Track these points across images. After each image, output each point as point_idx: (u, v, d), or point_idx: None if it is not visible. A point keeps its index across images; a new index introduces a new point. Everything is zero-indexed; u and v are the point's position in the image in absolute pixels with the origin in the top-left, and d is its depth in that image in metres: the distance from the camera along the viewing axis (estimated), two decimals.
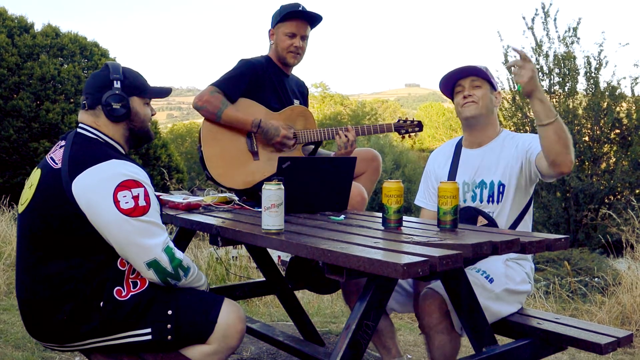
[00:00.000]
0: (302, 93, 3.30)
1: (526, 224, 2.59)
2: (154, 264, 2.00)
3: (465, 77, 2.59)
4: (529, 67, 2.18)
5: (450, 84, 2.65)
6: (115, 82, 2.13)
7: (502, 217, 2.53)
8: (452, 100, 2.68)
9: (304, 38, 3.09)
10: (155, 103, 2.33)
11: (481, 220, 2.50)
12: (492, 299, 2.37)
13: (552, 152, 2.28)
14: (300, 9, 3.03)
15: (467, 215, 2.52)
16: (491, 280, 2.40)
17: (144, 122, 2.23)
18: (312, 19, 3.10)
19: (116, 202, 1.93)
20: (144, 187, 2.00)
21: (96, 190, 1.94)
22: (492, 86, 2.61)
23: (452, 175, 2.66)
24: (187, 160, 34.49)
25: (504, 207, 2.53)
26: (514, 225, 2.55)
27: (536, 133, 2.39)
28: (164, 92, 2.31)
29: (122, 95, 2.13)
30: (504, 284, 2.44)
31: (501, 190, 2.53)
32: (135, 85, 2.20)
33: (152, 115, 2.29)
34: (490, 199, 2.54)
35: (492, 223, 2.50)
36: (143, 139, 2.26)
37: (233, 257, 6.25)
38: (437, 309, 2.26)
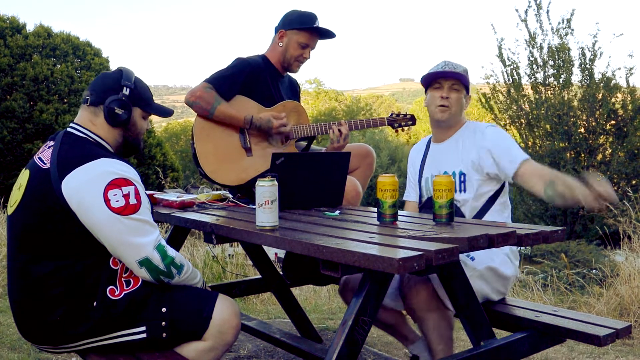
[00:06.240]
0: (295, 92, 3.28)
1: (495, 215, 2.57)
2: (145, 262, 1.98)
3: (447, 78, 2.63)
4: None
5: (430, 78, 2.69)
6: (124, 88, 2.13)
7: (468, 205, 2.55)
8: (426, 90, 2.73)
9: (312, 49, 3.10)
10: None
11: None
12: (475, 277, 2.38)
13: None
14: (316, 24, 3.02)
15: (430, 205, 2.53)
16: (472, 259, 2.43)
17: (139, 133, 2.23)
18: (326, 34, 3.09)
19: (107, 201, 1.92)
20: (134, 185, 1.99)
21: (86, 189, 1.92)
22: (467, 90, 2.69)
23: (420, 170, 2.77)
24: (182, 159, 34.53)
25: (473, 195, 2.55)
26: (479, 214, 2.55)
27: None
28: (165, 112, 2.31)
29: (127, 102, 2.13)
30: (486, 262, 2.44)
31: (462, 179, 2.57)
32: (141, 97, 2.20)
33: (147, 129, 2.30)
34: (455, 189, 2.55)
35: (457, 211, 2.53)
36: (133, 150, 2.26)
37: (229, 255, 6.25)
38: (423, 289, 2.30)
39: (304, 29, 3.02)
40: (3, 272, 5.39)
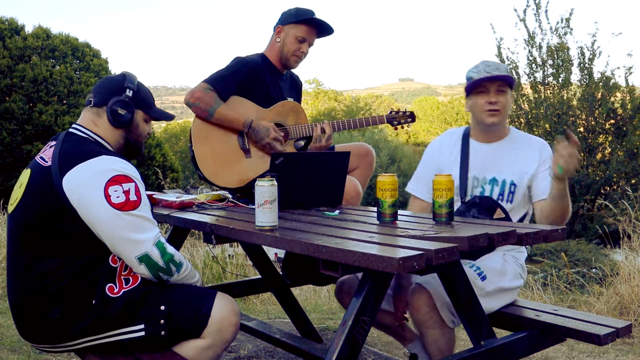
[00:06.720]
0: (296, 88, 3.28)
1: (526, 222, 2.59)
2: (145, 259, 1.99)
3: (493, 81, 2.52)
4: (577, 158, 2.22)
5: (476, 83, 2.55)
6: (127, 90, 2.18)
7: (514, 217, 2.52)
8: (469, 94, 2.59)
9: (310, 45, 3.08)
10: None
11: (499, 213, 2.48)
12: (482, 296, 2.34)
13: (550, 220, 2.40)
14: (314, 16, 3.01)
15: (486, 205, 2.50)
16: (483, 278, 2.39)
17: (140, 135, 2.27)
18: (324, 30, 3.08)
19: (107, 197, 1.93)
20: (134, 182, 2.00)
21: (87, 185, 1.94)
22: (512, 88, 2.59)
23: (464, 167, 2.60)
24: (182, 160, 34.49)
25: (514, 207, 2.52)
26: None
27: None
28: (166, 116, 2.35)
29: (130, 103, 2.17)
30: (496, 283, 2.43)
31: (512, 190, 2.52)
32: (144, 100, 2.25)
33: (149, 133, 2.33)
34: (500, 197, 2.52)
35: (507, 218, 2.49)
36: (134, 152, 2.28)
37: (229, 255, 6.24)
38: (425, 305, 2.27)
39: (300, 21, 3.01)
40: (3, 274, 5.38)
